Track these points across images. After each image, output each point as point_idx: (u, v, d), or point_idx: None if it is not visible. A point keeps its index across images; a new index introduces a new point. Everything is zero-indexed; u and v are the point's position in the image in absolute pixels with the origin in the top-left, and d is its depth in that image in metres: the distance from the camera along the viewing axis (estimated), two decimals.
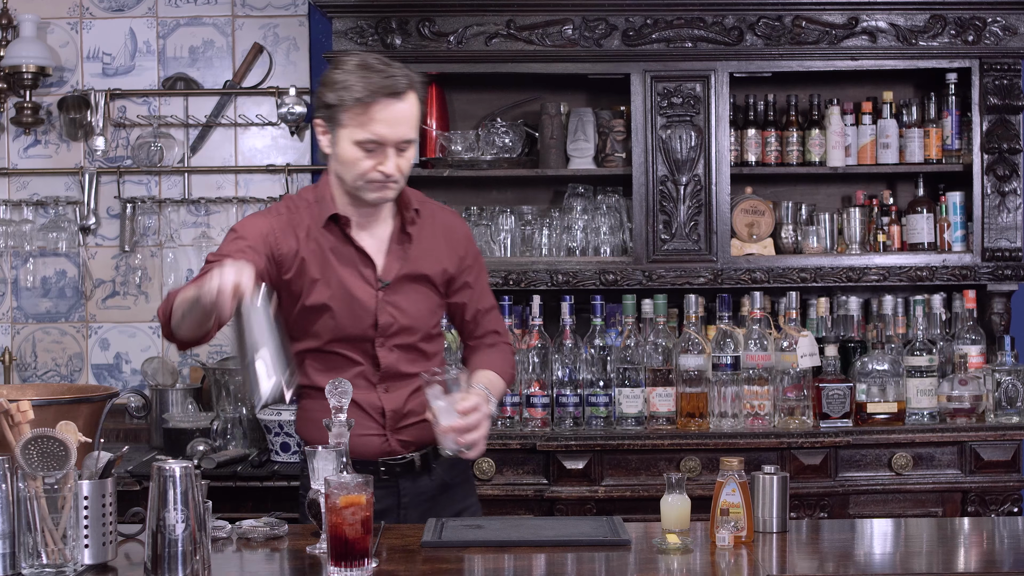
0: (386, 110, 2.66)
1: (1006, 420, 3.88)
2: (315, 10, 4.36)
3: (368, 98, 2.64)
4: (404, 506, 2.83)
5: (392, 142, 2.67)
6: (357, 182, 2.70)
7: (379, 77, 2.66)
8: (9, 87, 4.38)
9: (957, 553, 2.63)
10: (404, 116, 2.68)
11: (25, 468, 2.25)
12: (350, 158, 2.68)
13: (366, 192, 2.72)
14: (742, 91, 4.21)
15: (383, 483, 2.78)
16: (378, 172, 2.68)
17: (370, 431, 2.80)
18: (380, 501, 2.75)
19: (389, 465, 2.81)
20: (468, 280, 2.90)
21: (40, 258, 4.48)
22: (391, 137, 2.66)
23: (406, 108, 2.68)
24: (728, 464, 2.51)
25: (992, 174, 4.07)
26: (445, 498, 2.89)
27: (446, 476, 2.88)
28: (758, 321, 3.88)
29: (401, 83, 2.67)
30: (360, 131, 2.66)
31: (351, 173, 2.70)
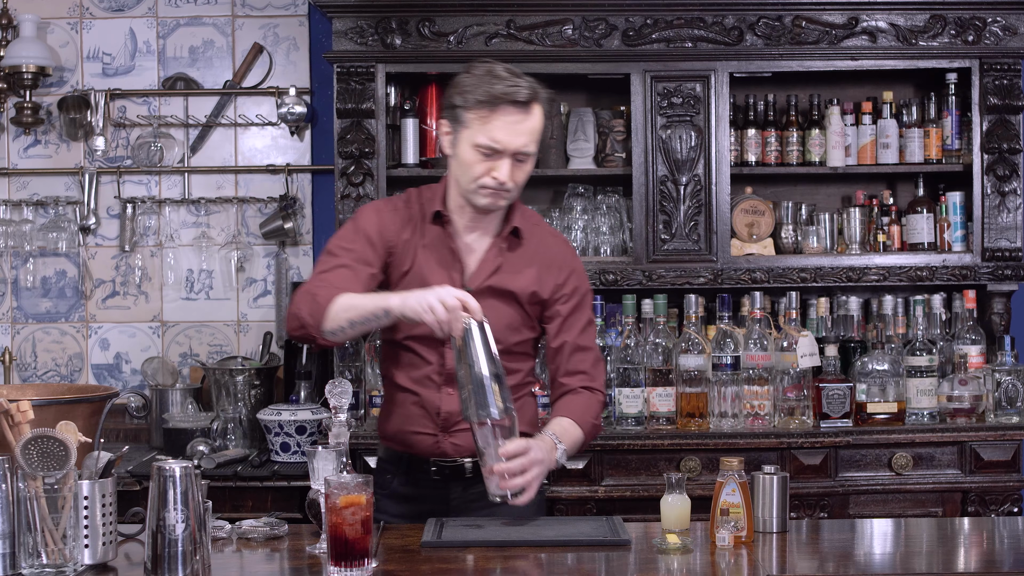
0: (507, 118, 2.69)
1: (1006, 420, 3.88)
2: (315, 10, 4.36)
3: (491, 103, 2.68)
4: (452, 509, 2.83)
5: (510, 150, 2.70)
6: (470, 185, 2.73)
7: (504, 84, 2.69)
8: (9, 87, 4.38)
9: (957, 553, 2.63)
10: (524, 127, 2.70)
11: (25, 468, 2.25)
12: (467, 161, 2.72)
13: (477, 197, 2.74)
14: (742, 91, 4.21)
15: (433, 483, 2.83)
16: (491, 178, 2.70)
17: (424, 429, 2.83)
18: (428, 501, 2.82)
19: (440, 466, 2.83)
20: (560, 309, 2.85)
21: (40, 258, 4.48)
22: (509, 145, 2.69)
23: (528, 119, 2.71)
24: (728, 464, 2.51)
25: (992, 174, 4.07)
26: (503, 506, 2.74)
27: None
28: (758, 321, 3.88)
29: (524, 93, 2.69)
30: (480, 135, 2.69)
31: (466, 176, 2.73)
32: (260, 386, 4.18)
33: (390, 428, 2.89)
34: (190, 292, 4.49)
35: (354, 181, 4.00)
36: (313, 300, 2.67)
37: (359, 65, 4.00)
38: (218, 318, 4.49)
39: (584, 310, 2.88)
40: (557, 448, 2.69)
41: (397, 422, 2.86)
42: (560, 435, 2.73)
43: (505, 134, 2.68)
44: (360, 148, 4.01)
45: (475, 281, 2.80)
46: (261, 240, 4.46)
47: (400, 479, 2.87)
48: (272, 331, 4.36)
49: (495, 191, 2.72)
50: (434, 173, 4.13)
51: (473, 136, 2.70)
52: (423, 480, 2.84)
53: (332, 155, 4.12)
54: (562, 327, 2.85)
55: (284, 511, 3.59)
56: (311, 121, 4.47)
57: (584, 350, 2.86)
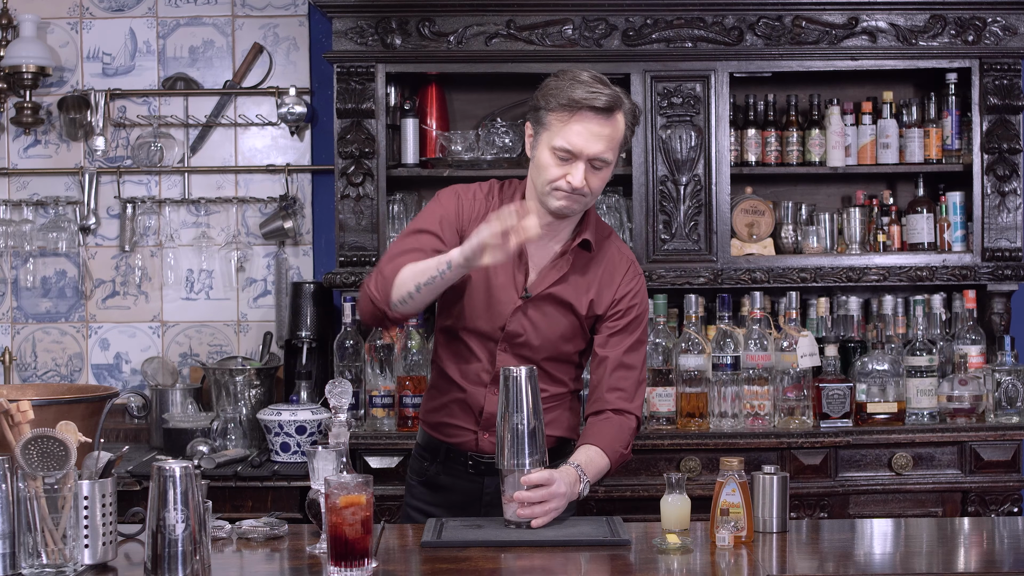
0: (585, 122, 2.69)
1: (1006, 420, 3.88)
2: (315, 10, 4.36)
3: (571, 107, 2.69)
4: (485, 503, 2.86)
5: (585, 155, 2.70)
6: (544, 187, 2.74)
7: (585, 89, 2.70)
8: (9, 87, 4.38)
9: (957, 553, 2.63)
10: (603, 133, 2.70)
11: (25, 468, 2.25)
12: (544, 163, 2.73)
13: (550, 199, 2.74)
14: (742, 91, 4.21)
15: (469, 476, 2.87)
16: (565, 182, 2.70)
17: (466, 424, 2.86)
18: (461, 492, 2.87)
19: (476, 460, 2.86)
20: (612, 324, 2.85)
21: (40, 258, 4.48)
22: (585, 150, 2.69)
23: (607, 126, 2.70)
24: (728, 464, 2.51)
25: (992, 174, 4.07)
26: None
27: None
28: (758, 321, 3.88)
29: (605, 100, 2.69)
30: (558, 138, 2.70)
31: (541, 178, 2.74)
32: (260, 386, 4.18)
33: (434, 416, 2.93)
34: (190, 292, 4.49)
35: (354, 181, 4.00)
36: (379, 275, 2.71)
37: (359, 65, 4.00)
38: (218, 318, 4.49)
39: (635, 330, 2.87)
40: (581, 481, 2.69)
41: (440, 412, 2.90)
42: (586, 466, 2.72)
43: (582, 139, 2.69)
44: (360, 148, 4.01)
45: (537, 288, 2.82)
46: (261, 240, 4.46)
47: (437, 467, 2.91)
48: (272, 331, 4.36)
49: (568, 195, 2.72)
50: (434, 173, 4.13)
51: (551, 139, 2.71)
52: (459, 472, 2.88)
53: (332, 155, 4.12)
54: (609, 341, 2.85)
55: (284, 511, 3.59)
56: (311, 121, 4.47)
57: (628, 368, 2.84)
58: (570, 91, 2.69)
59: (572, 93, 2.69)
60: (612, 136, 2.71)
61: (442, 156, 4.19)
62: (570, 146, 2.69)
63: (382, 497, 3.67)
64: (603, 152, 2.70)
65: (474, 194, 2.86)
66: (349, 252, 4.02)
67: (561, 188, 2.71)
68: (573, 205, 2.75)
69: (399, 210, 4.15)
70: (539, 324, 2.83)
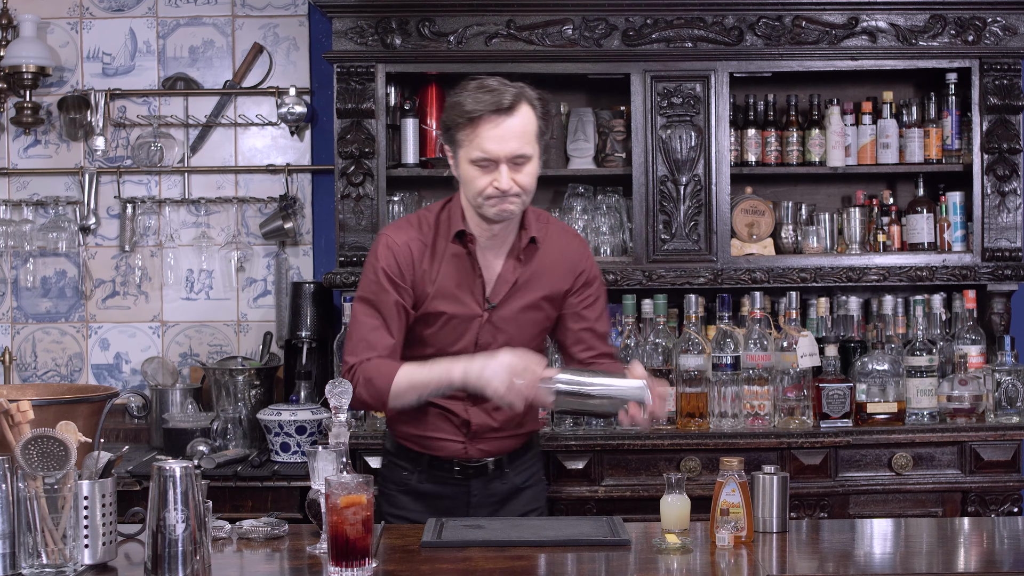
0: (494, 126, 2.71)
1: (1006, 420, 3.88)
2: (315, 10, 4.36)
3: (475, 115, 2.71)
4: (473, 505, 2.90)
5: (503, 158, 2.71)
6: (477, 199, 2.76)
7: (485, 94, 2.72)
8: (9, 87, 4.38)
9: (957, 553, 2.63)
10: (513, 131, 2.72)
11: (25, 468, 2.25)
12: (469, 177, 2.75)
13: (486, 208, 2.77)
14: (742, 91, 4.21)
15: (455, 481, 2.90)
16: (493, 188, 2.72)
17: (452, 437, 2.89)
18: (453, 497, 2.89)
19: (463, 466, 2.90)
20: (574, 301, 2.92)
21: (40, 258, 4.48)
22: (501, 153, 2.71)
23: (515, 123, 2.72)
24: (728, 464, 2.51)
25: (992, 174, 4.07)
26: (515, 501, 2.94)
27: (517, 480, 2.95)
28: (758, 321, 3.88)
29: (507, 98, 2.71)
30: (473, 150, 2.73)
31: (472, 192, 2.76)
32: (260, 386, 4.18)
33: (409, 430, 2.92)
34: (190, 292, 4.49)
35: (354, 181, 4.00)
36: (371, 385, 2.77)
37: (359, 65, 4.00)
38: (218, 318, 4.49)
39: (600, 300, 2.96)
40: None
41: (418, 427, 2.90)
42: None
43: (494, 143, 2.70)
44: (360, 148, 4.01)
45: (497, 295, 2.85)
46: (261, 240, 4.46)
47: (420, 476, 2.92)
48: (272, 331, 4.36)
49: (501, 199, 2.74)
50: (434, 173, 4.13)
51: (468, 153, 2.74)
52: (445, 478, 2.90)
53: (332, 155, 4.12)
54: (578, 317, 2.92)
55: (284, 511, 3.59)
56: (311, 121, 4.47)
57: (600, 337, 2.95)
58: (469, 102, 2.72)
59: (471, 103, 2.72)
60: (523, 131, 2.73)
61: (442, 156, 4.18)
62: (485, 153, 2.71)
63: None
64: (519, 149, 2.72)
65: (408, 236, 2.86)
66: (349, 252, 4.02)
67: (492, 195, 2.73)
68: (509, 207, 2.76)
69: (399, 210, 4.15)
70: (508, 329, 2.86)
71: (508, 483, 2.94)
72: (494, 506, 2.92)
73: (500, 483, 2.93)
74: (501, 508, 2.92)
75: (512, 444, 2.93)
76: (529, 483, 2.98)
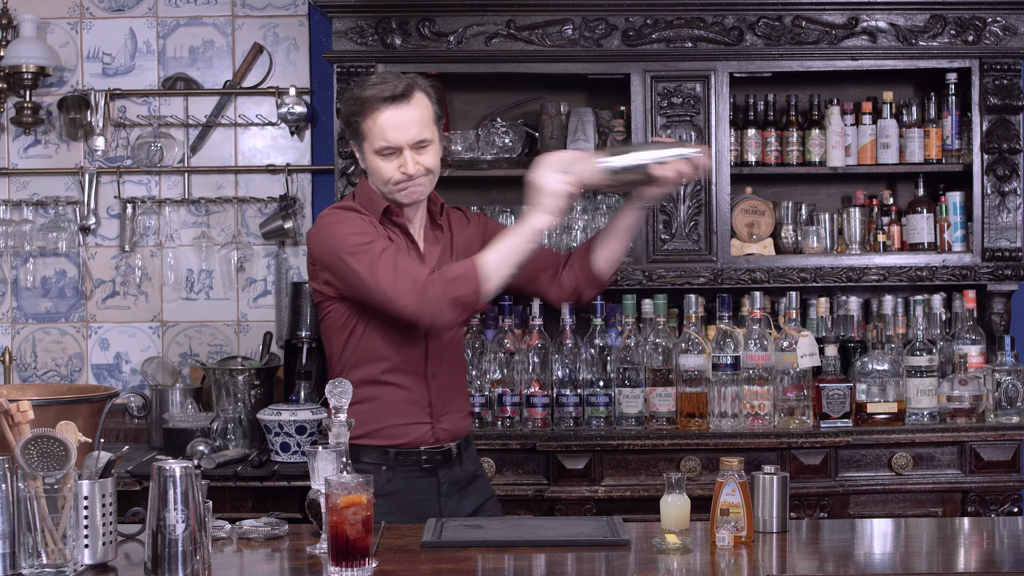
0: (390, 116, 2.81)
1: (1006, 420, 3.88)
2: (315, 10, 4.36)
3: (370, 107, 2.81)
4: (443, 494, 2.92)
5: (405, 144, 2.81)
6: (387, 187, 2.86)
7: (375, 88, 2.83)
8: (9, 87, 4.38)
9: (957, 553, 2.63)
10: (410, 118, 2.82)
11: (25, 468, 2.25)
12: (376, 167, 2.85)
13: (398, 195, 2.86)
14: (742, 91, 4.21)
15: (424, 471, 2.90)
16: (400, 173, 2.82)
17: (416, 419, 2.90)
18: (422, 490, 2.90)
19: (431, 454, 2.91)
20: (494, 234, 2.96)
21: (40, 258, 4.48)
22: (401, 140, 2.81)
23: (410, 110, 2.83)
24: (728, 464, 2.51)
25: (992, 174, 4.07)
26: (474, 487, 3.00)
27: (472, 467, 3.01)
28: (758, 321, 3.88)
29: (399, 87, 2.82)
30: (375, 140, 2.83)
31: (379, 180, 2.86)
32: (260, 386, 4.18)
33: (375, 424, 2.88)
34: (190, 292, 4.49)
35: (354, 181, 4.00)
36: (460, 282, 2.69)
37: (359, 65, 4.00)
38: (218, 318, 4.49)
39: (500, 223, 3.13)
40: None
41: (384, 417, 2.88)
42: None
43: (394, 131, 2.81)
44: None
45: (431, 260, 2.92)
46: (261, 240, 4.46)
47: (386, 475, 2.88)
48: (272, 331, 4.36)
49: (408, 183, 2.83)
50: None
51: (372, 143, 2.83)
52: (412, 471, 2.90)
53: (332, 155, 4.12)
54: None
55: (284, 511, 3.59)
56: (311, 121, 4.47)
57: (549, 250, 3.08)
58: (365, 96, 2.83)
59: (366, 96, 2.82)
60: (421, 117, 2.83)
61: (442, 156, 4.18)
62: (387, 142, 2.81)
63: None
64: (418, 134, 2.82)
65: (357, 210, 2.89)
66: None
67: (400, 180, 2.82)
68: (419, 188, 2.86)
69: None
70: None
71: (467, 470, 2.98)
72: (458, 494, 2.94)
73: (460, 469, 2.96)
74: (464, 496, 2.95)
75: (468, 423, 3.01)
76: (479, 472, 3.05)
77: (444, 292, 2.68)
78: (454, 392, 2.97)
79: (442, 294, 2.68)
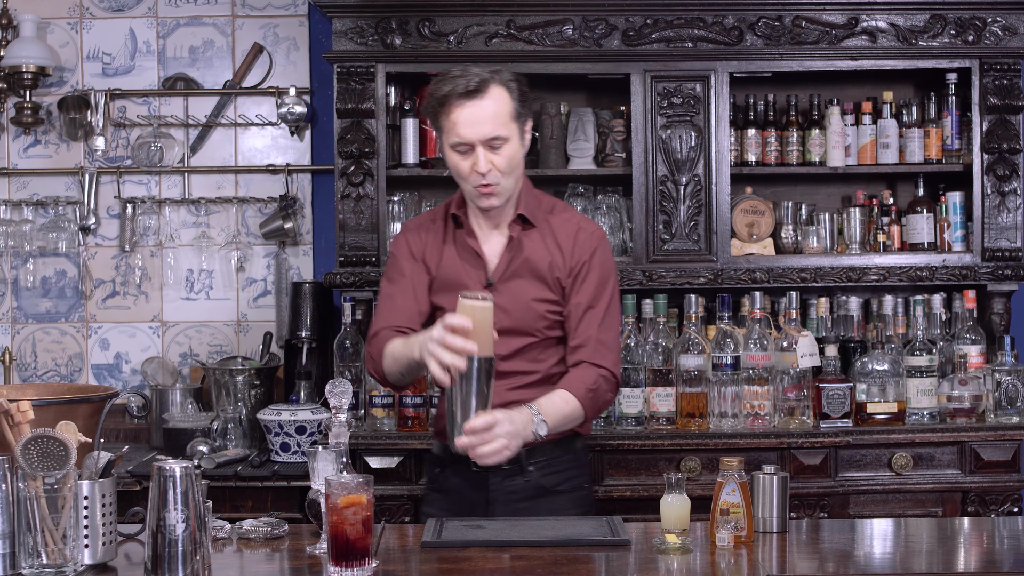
0: (463, 111, 2.77)
1: (1006, 420, 3.87)
2: (315, 10, 4.36)
3: (445, 102, 2.78)
4: (492, 501, 2.88)
5: (477, 141, 2.77)
6: (465, 186, 2.85)
7: (452, 82, 2.78)
8: (9, 87, 4.38)
9: (957, 553, 2.63)
10: (483, 114, 2.76)
11: (25, 468, 2.25)
12: (451, 163, 2.84)
13: (476, 200, 2.85)
14: (742, 91, 4.21)
15: (473, 475, 2.86)
16: (473, 172, 2.78)
17: None
18: (469, 492, 2.89)
19: None
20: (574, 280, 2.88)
21: (40, 258, 4.48)
22: (473, 137, 2.77)
23: (485, 105, 2.77)
24: (728, 464, 2.51)
25: (992, 174, 4.07)
26: (544, 502, 2.87)
27: (545, 481, 2.89)
28: (758, 321, 3.88)
29: (474, 80, 2.77)
30: (449, 135, 2.80)
31: (458, 178, 2.85)
32: (260, 386, 4.18)
33: (438, 424, 2.99)
34: (190, 292, 4.49)
35: (354, 181, 4.00)
36: (370, 358, 2.91)
37: (359, 65, 4.00)
38: (218, 318, 4.49)
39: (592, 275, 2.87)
40: (534, 420, 2.69)
41: (441, 419, 2.92)
42: (543, 406, 2.73)
43: (467, 127, 2.76)
44: (360, 148, 4.01)
45: (496, 275, 2.89)
46: (261, 240, 4.46)
47: (447, 471, 2.95)
48: (272, 331, 4.36)
49: (484, 187, 2.79)
50: (434, 173, 4.13)
51: (447, 139, 2.81)
52: (464, 471, 2.89)
53: (332, 155, 4.12)
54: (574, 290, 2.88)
55: (284, 511, 3.59)
56: (311, 121, 4.47)
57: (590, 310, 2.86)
58: (440, 90, 2.79)
59: (442, 90, 2.79)
60: (496, 113, 2.76)
61: (442, 156, 4.18)
62: (460, 138, 2.77)
63: (382, 497, 3.67)
64: (493, 131, 2.76)
65: (420, 223, 2.99)
66: (349, 252, 4.02)
67: (476, 183, 2.79)
68: (494, 200, 2.83)
69: (399, 210, 4.15)
70: (509, 309, 2.86)
71: (532, 482, 2.87)
72: (516, 504, 2.85)
73: (522, 480, 2.86)
74: (526, 509, 2.84)
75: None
76: (562, 488, 2.91)
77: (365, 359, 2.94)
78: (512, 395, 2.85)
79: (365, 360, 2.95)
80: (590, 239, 2.91)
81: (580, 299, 2.87)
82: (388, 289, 2.96)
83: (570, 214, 2.98)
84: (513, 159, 2.80)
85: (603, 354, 2.85)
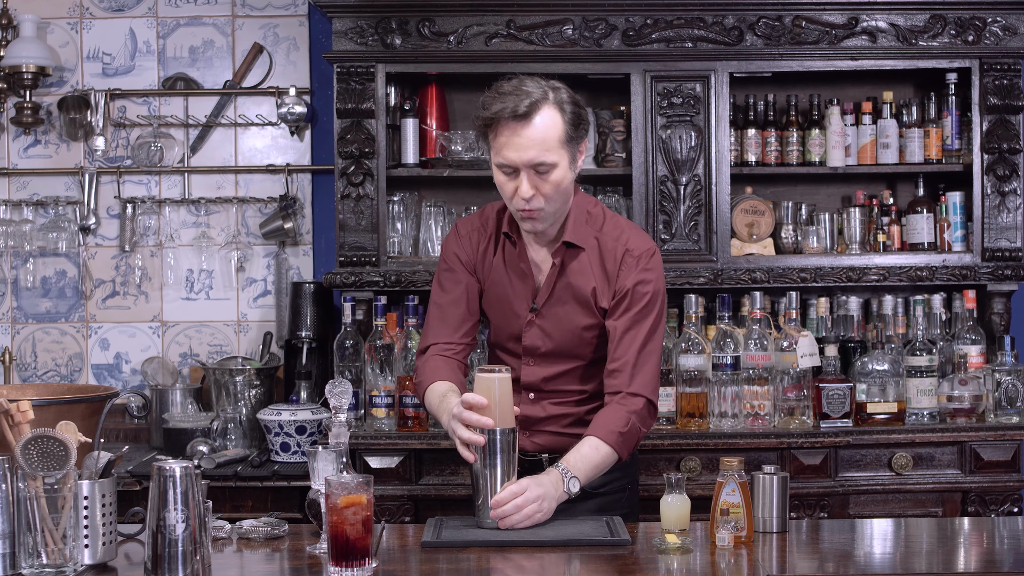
0: (511, 133, 2.64)
1: (1006, 420, 3.88)
2: (315, 10, 4.36)
3: (493, 121, 2.66)
4: None
5: (521, 165, 2.65)
6: (510, 206, 2.75)
7: (500, 101, 2.65)
8: (9, 87, 4.38)
9: (957, 553, 2.63)
10: (530, 139, 2.63)
11: (25, 468, 2.25)
12: (498, 181, 2.73)
13: (521, 223, 2.76)
14: (742, 91, 4.21)
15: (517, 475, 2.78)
16: (519, 198, 2.67)
17: None
18: None
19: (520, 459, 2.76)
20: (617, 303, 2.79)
21: (40, 258, 4.48)
22: (518, 160, 2.64)
23: (534, 129, 2.64)
24: (728, 464, 2.51)
25: (992, 174, 4.07)
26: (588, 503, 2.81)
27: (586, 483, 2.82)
28: (758, 321, 3.88)
29: (524, 103, 2.63)
30: (497, 155, 2.69)
31: (503, 196, 2.75)
32: (260, 386, 4.18)
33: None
34: (190, 292, 4.49)
35: (354, 181, 4.01)
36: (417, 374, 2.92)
37: (359, 65, 4.00)
38: (218, 318, 4.49)
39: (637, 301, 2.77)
40: (564, 479, 2.65)
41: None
42: (571, 462, 2.67)
43: (512, 150, 2.65)
44: (360, 148, 4.01)
45: (540, 300, 2.84)
46: (261, 240, 4.46)
47: None
48: (272, 331, 4.36)
49: (528, 211, 2.70)
50: (434, 173, 4.13)
51: (495, 157, 2.71)
52: None
53: (332, 155, 4.12)
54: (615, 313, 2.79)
55: (284, 511, 3.59)
56: (311, 121, 4.47)
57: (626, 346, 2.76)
58: (490, 107, 2.66)
59: (491, 108, 2.65)
60: (543, 138, 2.64)
61: (442, 156, 4.19)
62: (505, 160, 2.66)
63: (382, 497, 3.68)
64: (537, 156, 2.64)
65: (473, 225, 2.93)
66: (349, 252, 4.02)
67: (519, 207, 2.70)
68: (538, 224, 2.74)
69: (399, 210, 4.15)
70: (553, 333, 2.84)
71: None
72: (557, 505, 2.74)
73: None
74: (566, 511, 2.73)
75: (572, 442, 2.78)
76: (603, 490, 2.85)
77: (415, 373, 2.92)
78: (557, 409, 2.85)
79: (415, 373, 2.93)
80: (637, 262, 2.79)
81: (620, 322, 2.78)
82: (439, 298, 2.89)
83: (619, 231, 2.84)
84: (560, 185, 2.68)
85: (639, 381, 2.76)
